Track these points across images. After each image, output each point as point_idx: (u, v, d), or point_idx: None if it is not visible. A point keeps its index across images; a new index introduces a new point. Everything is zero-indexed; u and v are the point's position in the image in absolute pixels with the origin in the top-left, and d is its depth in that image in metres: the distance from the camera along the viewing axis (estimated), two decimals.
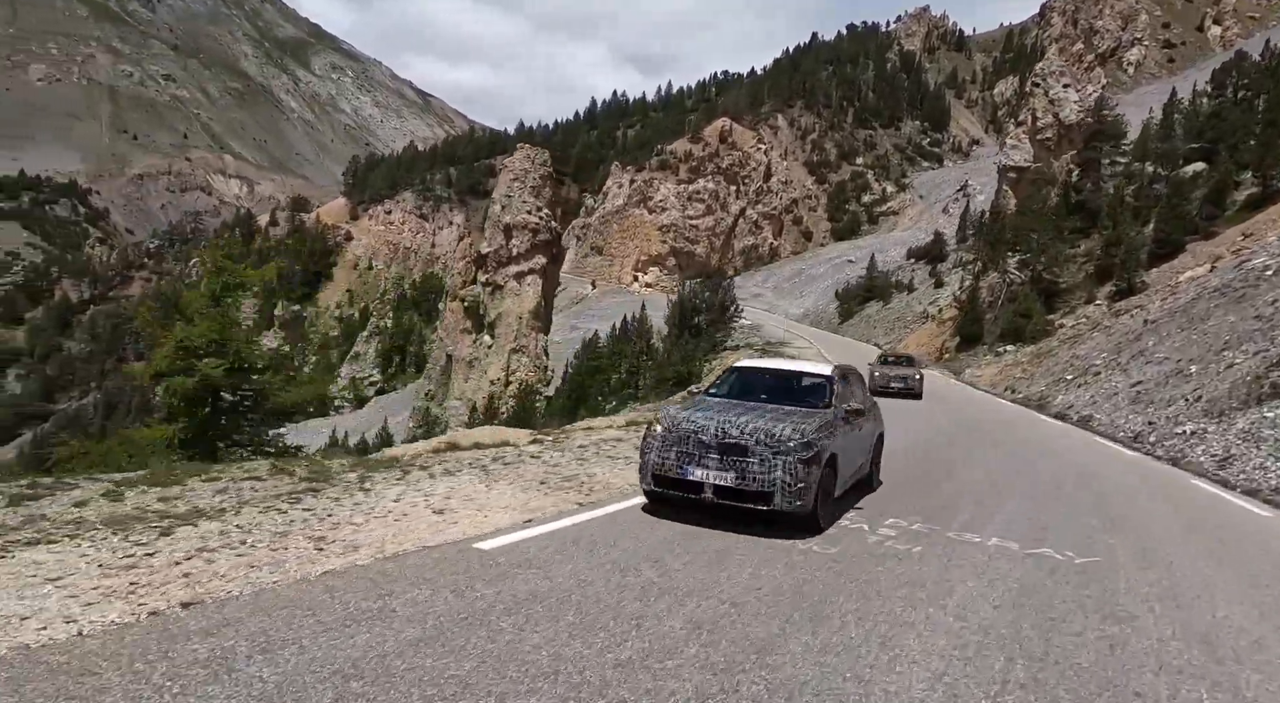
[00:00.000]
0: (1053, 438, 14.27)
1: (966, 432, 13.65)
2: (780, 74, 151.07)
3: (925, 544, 6.07)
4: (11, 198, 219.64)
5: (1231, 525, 8.51)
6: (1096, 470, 10.32)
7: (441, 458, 9.02)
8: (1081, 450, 12.55)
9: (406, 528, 5.41)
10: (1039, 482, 9.38)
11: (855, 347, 45.32)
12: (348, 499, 6.27)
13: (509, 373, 45.36)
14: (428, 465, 8.24)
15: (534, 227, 46.49)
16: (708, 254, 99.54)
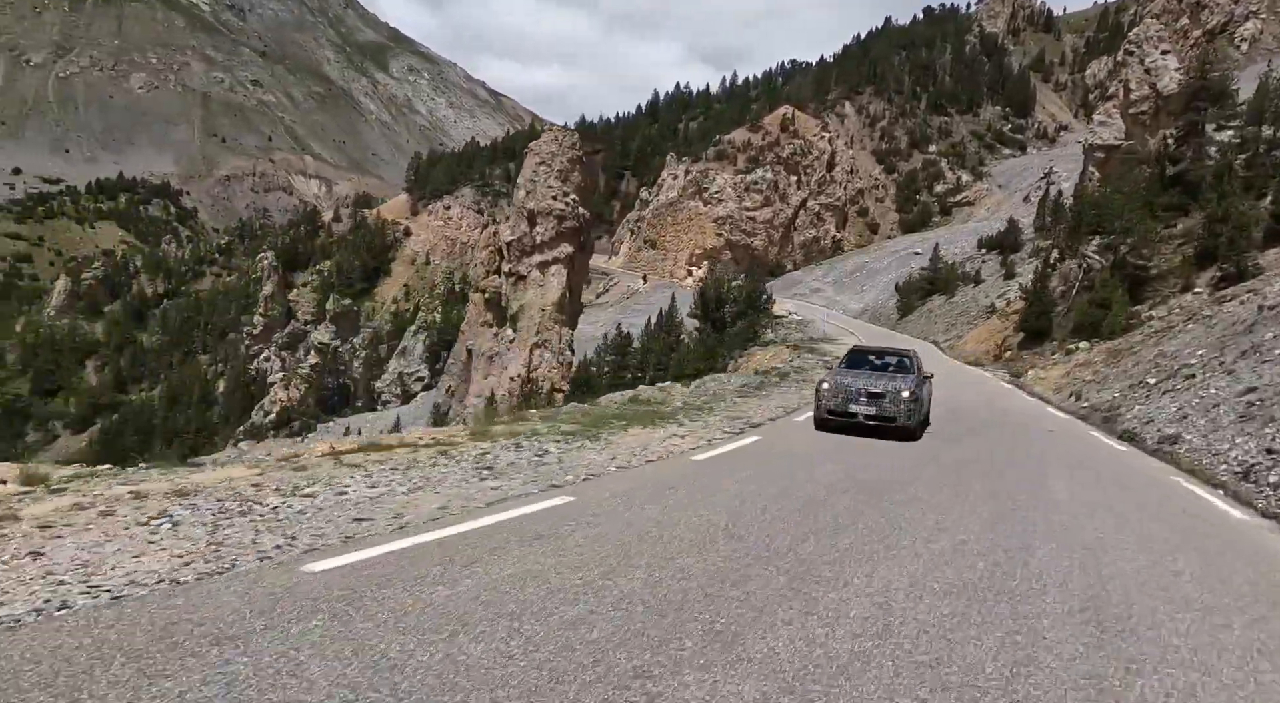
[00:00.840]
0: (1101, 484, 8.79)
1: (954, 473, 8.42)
2: (849, 60, 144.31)
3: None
4: (111, 198, 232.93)
5: None
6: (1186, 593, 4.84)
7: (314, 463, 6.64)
8: (1157, 515, 7.32)
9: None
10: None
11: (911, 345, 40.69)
12: None
13: (530, 369, 42.55)
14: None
15: (559, 213, 43.55)
16: (765, 247, 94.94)
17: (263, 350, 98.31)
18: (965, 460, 9.43)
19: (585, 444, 8.40)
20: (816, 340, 38.52)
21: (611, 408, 12.54)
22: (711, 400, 13.93)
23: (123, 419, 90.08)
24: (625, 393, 15.22)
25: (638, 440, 9.13)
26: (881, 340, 40.86)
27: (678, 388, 15.73)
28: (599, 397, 15.78)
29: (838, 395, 11.03)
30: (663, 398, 13.82)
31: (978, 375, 25.10)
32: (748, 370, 23.82)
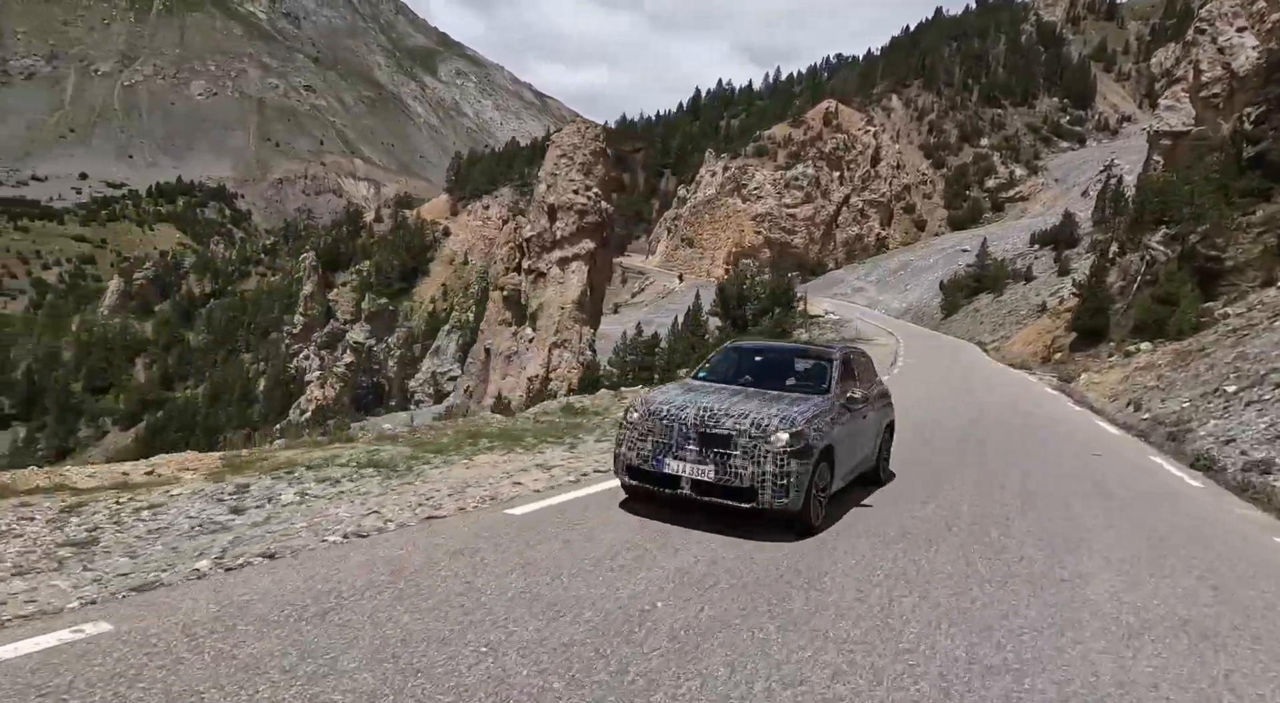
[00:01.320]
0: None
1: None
2: (897, 53, 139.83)
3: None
4: (170, 202, 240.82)
5: None
6: None
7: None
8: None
9: None
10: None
11: (952, 345, 37.74)
12: None
13: (549, 369, 40.93)
14: None
15: (581, 208, 41.85)
16: (806, 245, 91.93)
17: (302, 349, 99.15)
18: (930, 534, 5.70)
19: (390, 480, 6.38)
20: (849, 340, 36.06)
21: (521, 421, 10.63)
22: None
23: (167, 416, 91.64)
24: (564, 400, 13.32)
25: (473, 474, 6.84)
26: (921, 341, 38.13)
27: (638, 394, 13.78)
28: (542, 403, 13.95)
29: (647, 439, 5.65)
30: (601, 408, 11.84)
31: (1019, 379, 22.47)
32: None
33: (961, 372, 21.92)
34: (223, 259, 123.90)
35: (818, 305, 54.93)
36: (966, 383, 19.32)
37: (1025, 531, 6.12)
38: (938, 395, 15.06)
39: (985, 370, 23.55)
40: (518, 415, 11.18)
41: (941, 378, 19.97)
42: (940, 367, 23.40)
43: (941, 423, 11.29)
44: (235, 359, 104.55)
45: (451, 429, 9.19)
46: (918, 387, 15.86)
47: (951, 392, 16.35)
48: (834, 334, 40.75)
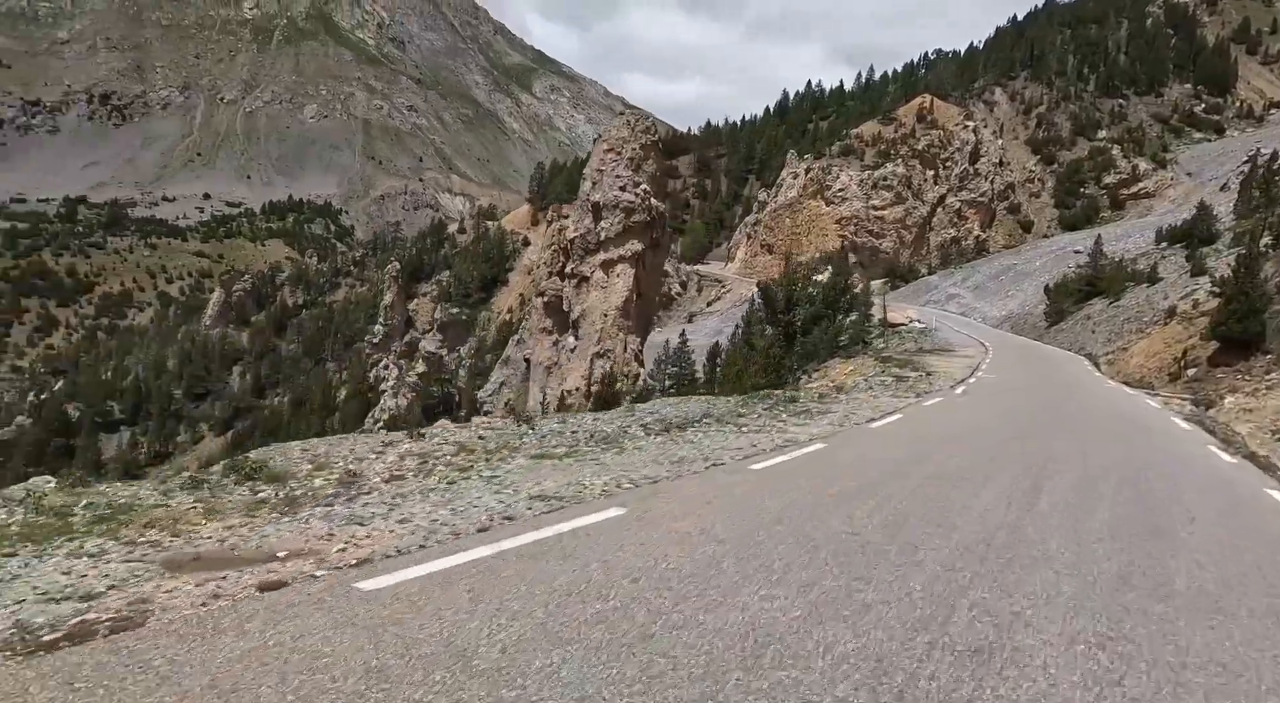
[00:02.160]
0: None
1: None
2: (1001, 44, 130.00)
3: None
4: (280, 218, 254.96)
5: None
6: None
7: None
8: None
9: None
10: None
11: (1053, 357, 31.86)
12: None
13: (589, 382, 37.57)
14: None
15: (628, 205, 38.40)
16: (895, 249, 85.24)
17: (381, 359, 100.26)
18: None
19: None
20: (929, 351, 30.94)
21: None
22: (536, 458, 8.11)
23: (253, 424, 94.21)
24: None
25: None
26: (1016, 353, 32.47)
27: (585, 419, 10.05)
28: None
29: None
30: (515, 441, 8.22)
31: (1136, 407, 15.91)
32: (806, 390, 17.50)
33: (1056, 392, 16.69)
34: (315, 271, 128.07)
35: (900, 313, 49.36)
36: (1057, 411, 13.27)
37: None
38: (1007, 431, 9.88)
39: (1090, 390, 18.19)
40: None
41: (1022, 404, 13.99)
42: (1029, 385, 18.49)
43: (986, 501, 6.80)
44: (321, 368, 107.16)
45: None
46: (985, 414, 11.52)
47: (1031, 425, 10.74)
48: (913, 345, 35.56)
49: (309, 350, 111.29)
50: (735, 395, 13.91)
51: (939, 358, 26.41)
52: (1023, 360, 28.38)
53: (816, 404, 11.06)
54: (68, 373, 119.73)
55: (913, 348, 33.28)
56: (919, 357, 26.12)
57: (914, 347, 33.88)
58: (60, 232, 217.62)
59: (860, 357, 25.95)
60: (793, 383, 24.74)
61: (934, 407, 12.05)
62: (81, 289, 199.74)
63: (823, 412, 10.26)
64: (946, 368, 21.63)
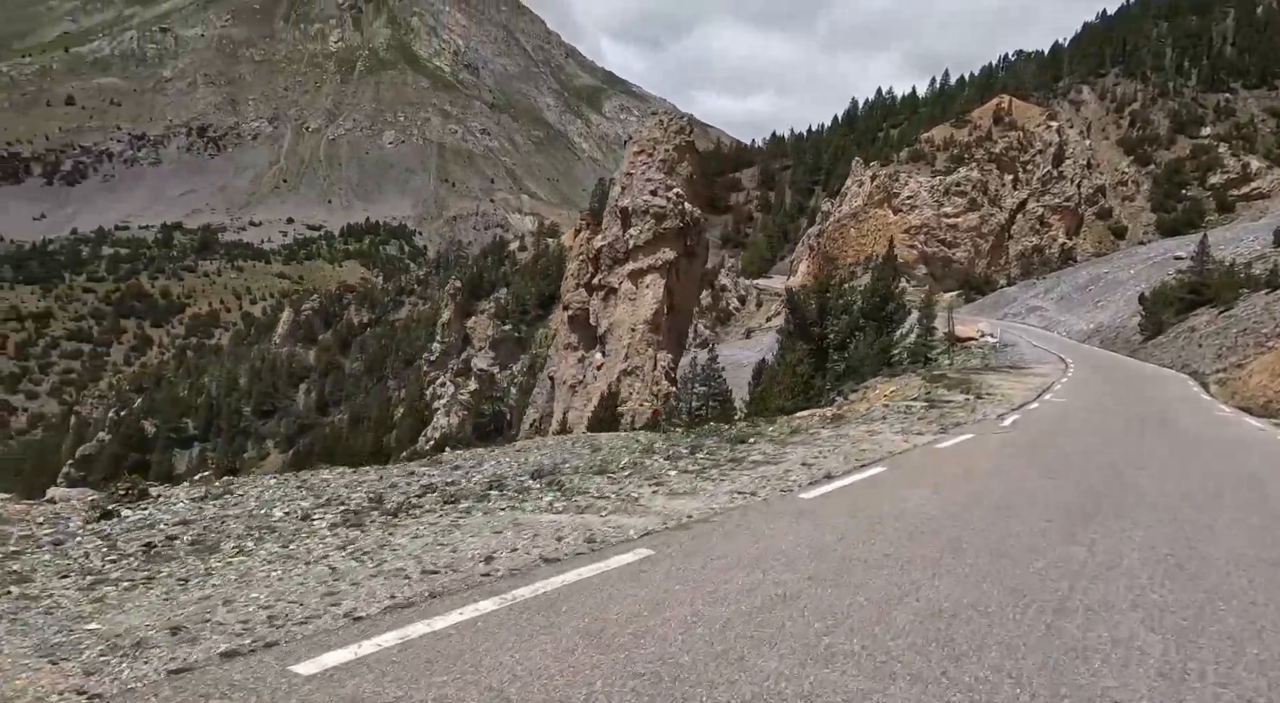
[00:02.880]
0: None
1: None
2: (1089, 40, 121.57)
3: None
4: (357, 240, 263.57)
5: None
6: None
7: None
8: None
9: None
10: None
11: (1149, 377, 26.95)
12: None
13: (617, 401, 34.59)
14: None
15: (658, 210, 35.45)
16: (970, 259, 79.32)
17: (438, 376, 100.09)
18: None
19: None
20: (996, 369, 26.60)
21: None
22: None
23: (313, 441, 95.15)
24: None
25: None
26: (1105, 372, 27.69)
27: None
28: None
29: None
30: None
31: (1263, 443, 11.39)
32: (789, 423, 14.00)
33: (1145, 425, 12.19)
34: (380, 290, 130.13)
35: (969, 327, 44.60)
36: (1141, 459, 8.66)
37: None
38: (1037, 511, 5.81)
39: (1195, 421, 13.73)
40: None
41: (1090, 447, 9.42)
42: (1109, 413, 14.30)
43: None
44: (381, 386, 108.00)
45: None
46: (1020, 469, 7.61)
47: (1091, 493, 6.62)
48: (979, 361, 31.13)
49: (371, 368, 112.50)
50: (686, 430, 10.61)
51: (1005, 377, 22.23)
52: (1108, 380, 23.77)
53: (769, 448, 7.70)
54: (149, 390, 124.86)
55: (977, 365, 28.94)
56: (981, 375, 22.01)
57: (979, 364, 29.52)
58: (157, 256, 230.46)
59: (907, 375, 22.05)
60: (826, 404, 21.13)
61: (948, 452, 8.41)
62: (174, 310, 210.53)
63: (757, 463, 6.77)
64: (1008, 389, 17.62)
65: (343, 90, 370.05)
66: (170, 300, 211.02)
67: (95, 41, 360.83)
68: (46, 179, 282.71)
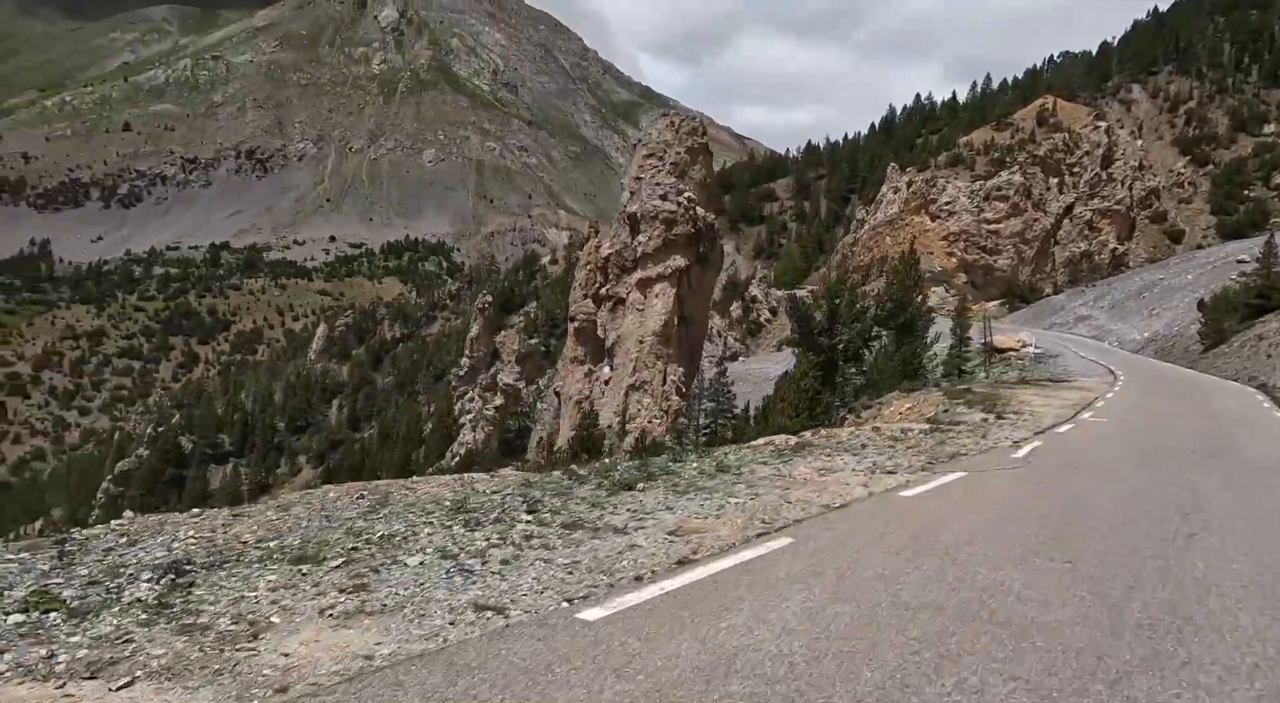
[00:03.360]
0: None
1: None
2: (1139, 38, 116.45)
3: None
4: (397, 257, 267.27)
5: None
6: None
7: None
8: None
9: None
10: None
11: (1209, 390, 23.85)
12: None
13: (624, 418, 32.65)
14: None
15: (668, 216, 33.53)
16: (1014, 267, 75.52)
17: (466, 391, 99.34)
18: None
19: None
20: (1035, 382, 23.87)
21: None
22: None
23: (343, 456, 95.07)
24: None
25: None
26: (1159, 385, 24.72)
27: None
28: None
29: None
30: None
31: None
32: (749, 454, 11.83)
33: (1202, 456, 9.76)
34: (413, 305, 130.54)
35: (1010, 337, 41.56)
36: (1192, 511, 6.32)
37: None
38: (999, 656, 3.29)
39: (1267, 448, 11.03)
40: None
41: (1121, 490, 7.23)
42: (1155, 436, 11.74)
43: None
44: (411, 401, 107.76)
45: None
46: (1010, 534, 5.24)
47: (1119, 589, 4.19)
48: (1017, 374, 28.32)
49: (402, 383, 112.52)
50: (585, 472, 8.56)
51: (1040, 391, 19.60)
52: (1161, 395, 20.92)
53: (657, 497, 5.59)
54: (189, 406, 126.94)
55: (1012, 378, 26.19)
56: (1012, 390, 19.44)
57: (1015, 377, 26.75)
58: (204, 275, 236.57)
59: (928, 390, 19.58)
60: (835, 421, 18.81)
61: (909, 506, 6.09)
62: (220, 327, 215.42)
63: (605, 531, 4.57)
64: (1039, 406, 15.12)
65: (385, 111, 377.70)
66: (216, 318, 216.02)
67: (152, 70, 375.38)
68: (104, 202, 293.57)
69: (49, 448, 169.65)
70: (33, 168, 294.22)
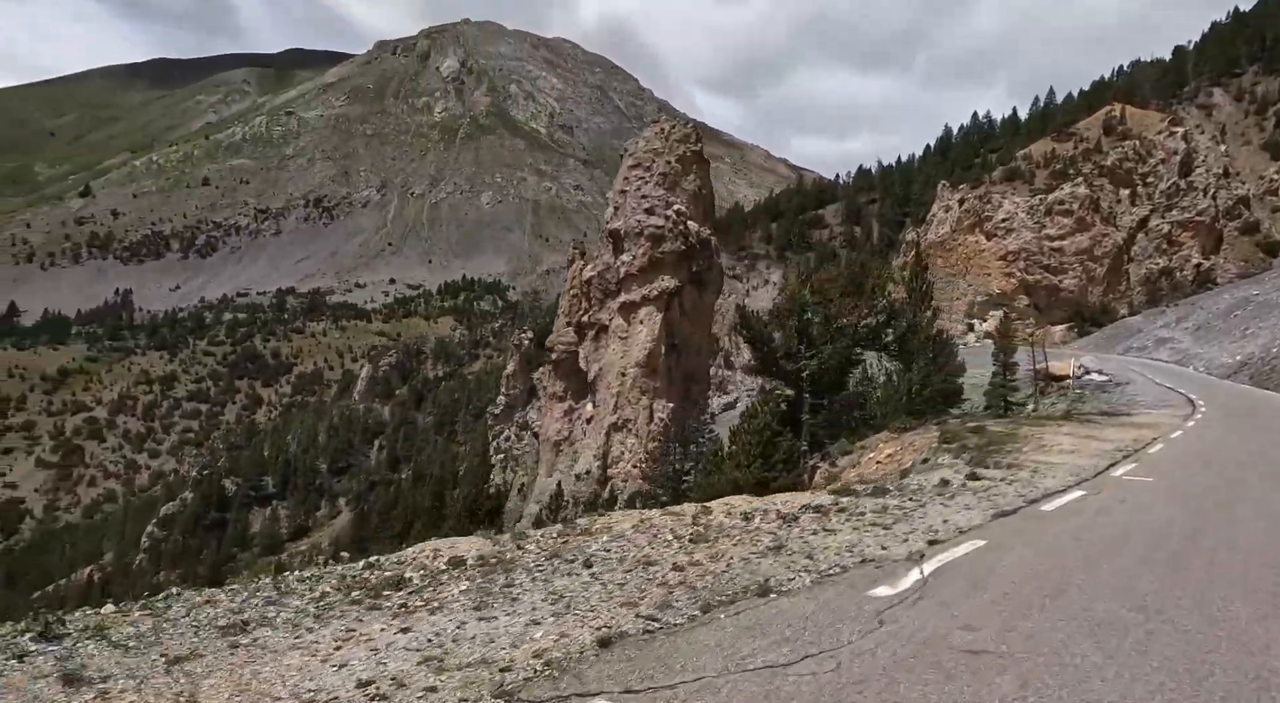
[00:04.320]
0: None
1: None
2: (1219, 39, 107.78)
3: None
4: (453, 297, 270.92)
5: None
6: None
7: None
8: None
9: None
10: None
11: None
12: None
13: (606, 461, 28.62)
14: None
15: (655, 232, 29.75)
16: (1082, 287, 68.48)
17: (503, 430, 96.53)
18: None
19: None
20: (1081, 415, 18.70)
21: None
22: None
23: (376, 498, 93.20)
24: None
25: None
26: (1253, 421, 19.17)
27: None
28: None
29: None
30: None
31: None
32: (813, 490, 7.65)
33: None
34: (456, 343, 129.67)
35: (1067, 363, 35.79)
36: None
37: None
38: None
39: None
40: None
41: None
42: (1241, 505, 7.14)
43: None
44: (450, 441, 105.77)
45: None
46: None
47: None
48: (1064, 405, 23.00)
49: (442, 422, 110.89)
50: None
51: (1084, 429, 14.62)
52: (1250, 432, 15.55)
53: None
54: (239, 448, 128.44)
55: (1059, 411, 21.02)
56: (1043, 427, 14.54)
57: (1063, 409, 21.53)
58: (269, 320, 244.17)
59: (926, 429, 14.82)
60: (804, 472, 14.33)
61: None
62: (282, 370, 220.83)
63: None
64: (1063, 455, 10.39)
65: (445, 156, 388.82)
66: (279, 360, 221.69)
67: (231, 128, 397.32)
68: (183, 253, 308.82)
69: (120, 490, 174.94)
70: (120, 223, 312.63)
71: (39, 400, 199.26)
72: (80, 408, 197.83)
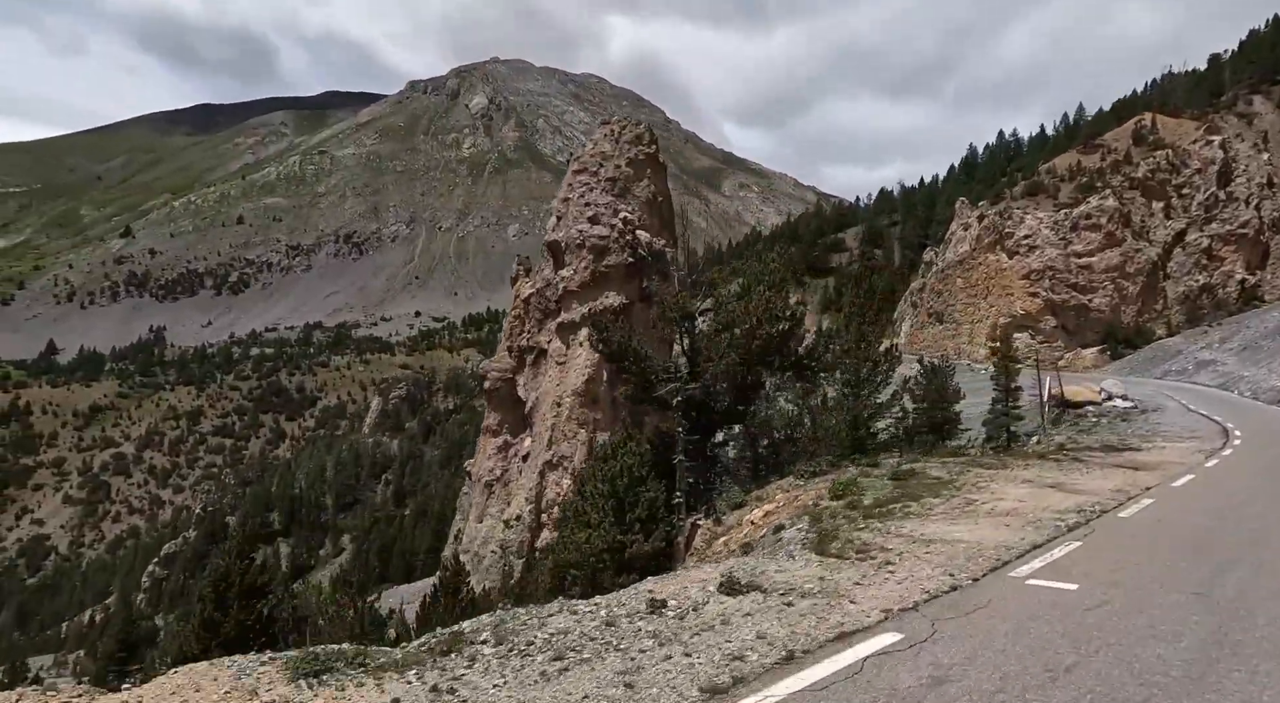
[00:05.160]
0: None
1: None
2: (1257, 47, 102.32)
3: None
4: (477, 328, 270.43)
5: None
6: None
7: None
8: None
9: None
10: None
11: None
12: None
13: (540, 505, 24.98)
14: None
15: (597, 243, 26.34)
16: (1114, 306, 63.22)
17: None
18: None
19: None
20: (1075, 450, 14.53)
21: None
22: None
23: (376, 536, 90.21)
24: None
25: None
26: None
27: None
28: None
29: None
30: None
31: None
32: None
33: None
34: (466, 374, 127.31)
35: (1085, 388, 31.26)
36: None
37: None
38: None
39: None
40: None
41: None
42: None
43: None
44: (454, 476, 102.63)
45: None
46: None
47: None
48: (1067, 434, 18.73)
49: (449, 456, 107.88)
50: None
51: (1058, 474, 10.59)
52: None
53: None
54: (252, 483, 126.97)
55: (1057, 442, 16.87)
56: (1002, 474, 10.51)
57: (1063, 439, 17.35)
58: (295, 354, 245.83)
59: (844, 468, 10.86)
60: (677, 533, 10.54)
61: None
62: (307, 404, 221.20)
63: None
64: (982, 527, 6.50)
65: (473, 190, 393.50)
66: (304, 394, 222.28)
67: (266, 168, 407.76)
68: (216, 290, 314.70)
69: (144, 526, 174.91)
70: (157, 262, 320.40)
71: (70, 437, 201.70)
72: (109, 443, 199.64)
